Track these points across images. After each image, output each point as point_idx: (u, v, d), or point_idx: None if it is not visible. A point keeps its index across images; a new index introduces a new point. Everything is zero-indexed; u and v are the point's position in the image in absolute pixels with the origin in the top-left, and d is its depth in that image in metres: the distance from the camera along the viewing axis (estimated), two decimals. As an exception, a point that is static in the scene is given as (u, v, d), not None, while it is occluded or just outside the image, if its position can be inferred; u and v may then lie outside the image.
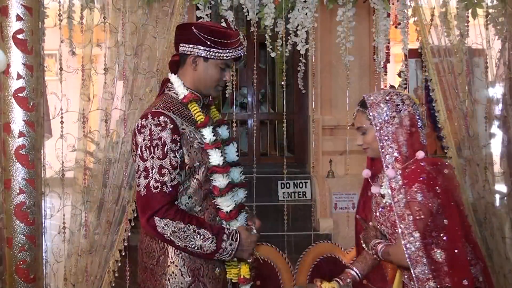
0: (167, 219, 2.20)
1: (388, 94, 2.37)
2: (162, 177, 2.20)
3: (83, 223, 3.40)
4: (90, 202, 3.42)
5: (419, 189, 2.24)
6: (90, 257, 3.42)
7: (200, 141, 2.31)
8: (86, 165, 3.44)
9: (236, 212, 2.34)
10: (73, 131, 3.39)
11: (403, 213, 2.24)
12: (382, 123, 2.33)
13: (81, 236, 3.40)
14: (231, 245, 2.27)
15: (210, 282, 2.34)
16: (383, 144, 2.33)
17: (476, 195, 3.54)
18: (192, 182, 2.30)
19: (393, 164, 2.31)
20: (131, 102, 3.41)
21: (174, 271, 2.31)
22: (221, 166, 2.31)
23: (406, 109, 2.34)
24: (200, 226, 2.23)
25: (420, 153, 2.32)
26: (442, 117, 3.54)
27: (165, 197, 2.21)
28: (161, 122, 2.22)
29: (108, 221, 3.44)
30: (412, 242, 2.21)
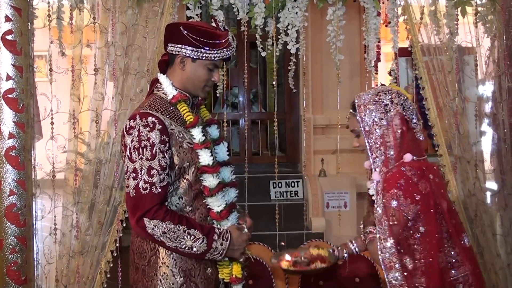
0: (156, 220, 2.20)
1: (377, 94, 2.36)
2: (151, 178, 2.20)
3: (75, 224, 3.39)
4: (81, 203, 3.41)
5: (395, 195, 2.24)
6: (81, 258, 3.41)
7: (189, 141, 2.31)
8: (77, 166, 3.43)
9: (227, 212, 2.34)
10: (64, 132, 3.37)
11: (381, 217, 2.25)
12: (370, 125, 2.33)
13: (72, 237, 3.39)
14: (222, 245, 2.27)
15: (202, 282, 2.34)
16: (371, 147, 2.33)
17: (467, 193, 3.56)
18: (182, 182, 2.31)
19: (380, 167, 2.32)
20: (122, 103, 3.40)
21: (166, 272, 2.31)
22: (211, 166, 2.30)
23: (395, 108, 2.33)
24: (191, 227, 2.24)
25: (407, 156, 2.30)
26: (433, 115, 3.55)
27: (155, 198, 2.21)
28: (149, 123, 2.23)
29: (99, 222, 3.43)
30: (386, 248, 2.22)
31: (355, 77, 6.84)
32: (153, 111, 2.27)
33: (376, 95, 2.36)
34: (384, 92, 2.37)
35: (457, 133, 3.54)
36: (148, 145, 2.21)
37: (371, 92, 2.40)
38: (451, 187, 3.55)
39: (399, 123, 2.32)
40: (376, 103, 2.34)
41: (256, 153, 7.82)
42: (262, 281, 3.35)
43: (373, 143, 2.32)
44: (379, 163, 2.32)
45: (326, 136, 6.93)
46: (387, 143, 2.31)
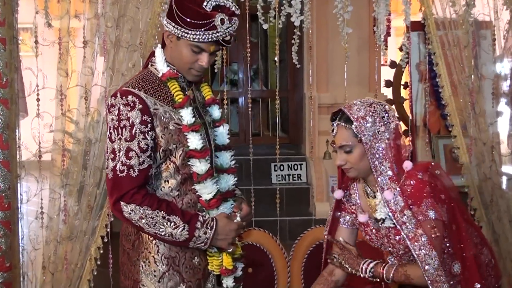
0: (133, 205, 2.21)
1: (370, 105, 2.30)
2: (129, 160, 2.21)
3: (62, 208, 3.40)
4: (69, 186, 3.42)
5: (430, 205, 2.24)
6: (70, 244, 3.42)
7: (178, 122, 2.30)
8: (64, 146, 3.43)
9: (217, 201, 2.33)
10: (50, 109, 3.36)
11: (415, 234, 2.23)
12: (371, 139, 2.27)
13: (60, 221, 3.39)
14: (205, 234, 2.26)
15: (187, 272, 2.35)
16: (374, 163, 2.28)
17: (482, 176, 3.56)
18: (168, 165, 2.30)
19: (388, 185, 2.28)
20: (113, 78, 3.39)
21: (148, 258, 2.33)
22: (199, 151, 2.29)
23: (393, 121, 2.30)
24: (171, 213, 2.23)
25: (407, 164, 2.30)
26: (447, 93, 3.54)
27: (132, 182, 2.22)
28: (130, 102, 2.22)
29: (89, 205, 3.43)
30: (430, 264, 2.20)
31: (364, 53, 6.82)
32: (135, 89, 2.26)
33: (369, 106, 2.30)
34: (376, 103, 2.32)
35: (473, 113, 3.53)
36: (127, 125, 2.22)
37: (359, 103, 2.32)
38: (466, 170, 3.56)
39: (395, 137, 2.31)
40: (374, 115, 2.28)
41: (257, 134, 7.82)
42: (262, 269, 3.36)
43: (375, 158, 2.27)
44: (385, 181, 2.28)
45: (332, 116, 6.92)
46: (390, 159, 2.28)
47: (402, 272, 2.29)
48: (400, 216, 2.25)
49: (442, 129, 5.33)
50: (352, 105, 2.33)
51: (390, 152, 2.28)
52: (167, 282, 2.33)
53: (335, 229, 2.60)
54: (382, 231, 2.39)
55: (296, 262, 3.38)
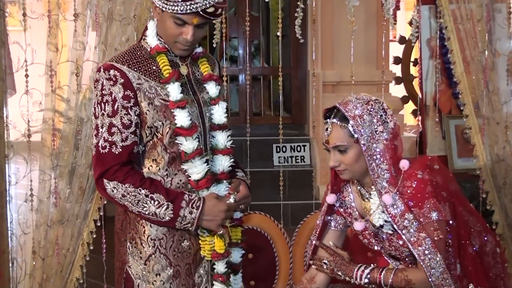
0: (115, 182, 2.24)
1: (367, 103, 2.26)
2: (111, 136, 2.25)
3: (53, 190, 3.41)
4: (60, 167, 3.42)
5: (432, 206, 2.21)
6: (61, 228, 3.43)
7: (164, 98, 2.31)
8: (55, 125, 3.43)
9: (207, 182, 2.33)
10: (40, 86, 3.36)
11: (417, 237, 2.21)
12: (368, 140, 2.23)
13: (50, 204, 3.41)
14: (191, 214, 2.27)
15: (175, 255, 2.36)
16: (371, 165, 2.24)
17: (495, 158, 3.56)
18: (155, 143, 2.32)
19: (386, 188, 2.25)
20: (105, 53, 3.38)
21: (135, 239, 2.36)
22: (186, 128, 2.29)
23: (392, 120, 2.26)
24: (154, 191, 2.25)
25: (404, 164, 2.27)
26: (459, 70, 3.53)
27: (114, 158, 2.25)
28: (112, 76, 2.26)
29: (81, 187, 3.44)
30: (435, 268, 2.19)
31: (371, 27, 6.78)
32: (118, 63, 2.29)
33: (366, 103, 2.25)
34: (374, 101, 2.28)
35: (486, 91, 3.53)
36: (109, 100, 2.25)
37: (355, 100, 2.27)
38: (478, 152, 3.56)
39: (393, 137, 2.27)
40: (371, 113, 2.24)
41: (258, 113, 7.81)
42: (263, 254, 3.37)
43: (372, 160, 2.24)
44: (383, 184, 2.25)
45: (337, 95, 6.88)
46: (388, 160, 2.24)
47: (403, 277, 2.26)
48: (401, 220, 2.22)
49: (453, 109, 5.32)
50: (347, 102, 2.27)
51: (388, 153, 2.24)
52: (153, 265, 2.35)
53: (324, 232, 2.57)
54: (382, 235, 2.37)
55: (298, 247, 3.39)
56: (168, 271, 2.36)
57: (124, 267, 2.39)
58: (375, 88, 6.93)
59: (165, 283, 2.35)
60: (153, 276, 2.35)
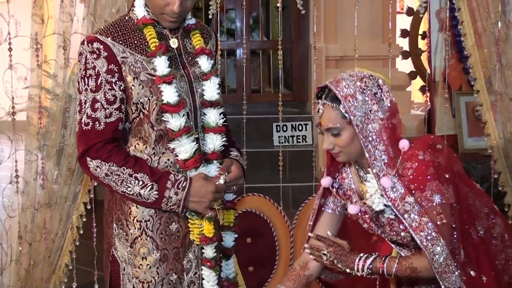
0: (98, 160, 2.25)
1: (360, 80, 2.22)
2: (94, 112, 2.26)
3: (40, 171, 3.41)
4: (47, 147, 3.42)
5: (435, 189, 2.19)
6: (49, 212, 3.44)
7: (150, 72, 2.31)
8: (41, 103, 3.42)
9: (195, 162, 2.33)
10: (25, 60, 3.35)
11: (419, 222, 2.19)
12: (363, 120, 2.20)
13: (37, 186, 3.41)
14: (177, 195, 2.27)
15: (162, 238, 2.37)
16: (367, 147, 2.21)
17: (508, 136, 3.56)
18: (142, 120, 2.33)
19: (384, 171, 2.22)
20: (94, 25, 3.36)
21: (121, 220, 2.38)
22: (173, 105, 2.29)
23: (388, 97, 2.23)
24: (139, 170, 2.26)
25: (404, 144, 2.24)
26: (470, 42, 3.53)
27: (98, 136, 2.26)
28: (95, 50, 2.27)
29: (69, 168, 3.44)
30: (438, 254, 2.17)
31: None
32: (102, 35, 2.29)
33: (360, 81, 2.22)
34: (368, 77, 2.23)
35: (499, 65, 3.52)
36: (93, 74, 2.26)
37: (348, 78, 2.24)
38: (489, 129, 3.56)
39: (390, 115, 2.24)
40: (365, 92, 2.20)
41: (257, 90, 7.80)
42: (263, 238, 3.39)
43: (368, 142, 2.20)
44: (381, 166, 2.22)
45: (341, 70, 6.78)
46: (384, 141, 2.22)
47: (407, 265, 2.25)
48: (401, 204, 2.20)
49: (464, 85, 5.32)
50: (339, 80, 2.23)
51: (385, 133, 2.21)
52: (139, 248, 2.36)
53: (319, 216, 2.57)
54: (383, 220, 2.36)
55: (300, 231, 3.40)
56: (155, 254, 2.36)
57: (110, 250, 2.42)
58: (381, 63, 6.92)
59: (152, 268, 2.36)
60: (139, 259, 2.37)
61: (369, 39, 6.45)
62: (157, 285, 2.37)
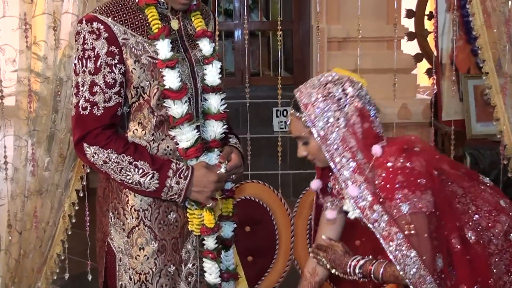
0: (96, 147, 2.24)
1: (325, 86, 2.24)
2: (93, 96, 2.24)
3: (30, 157, 3.40)
4: (38, 132, 3.41)
5: (403, 198, 2.18)
6: (40, 199, 3.43)
7: (152, 55, 2.29)
8: (31, 85, 3.41)
9: (196, 151, 2.33)
10: (13, 41, 3.33)
11: (389, 232, 2.19)
12: (325, 129, 2.22)
13: (27, 173, 3.40)
14: (178, 184, 2.27)
15: (160, 229, 2.37)
16: (333, 156, 2.23)
17: (518, 121, 3.57)
18: (142, 105, 2.32)
19: (352, 179, 2.23)
20: (86, 5, 3.33)
21: (117, 209, 2.37)
22: (175, 90, 2.28)
23: (352, 103, 2.23)
24: (139, 158, 2.25)
25: (376, 149, 2.24)
26: (478, 22, 3.51)
27: (96, 121, 2.25)
28: (95, 30, 2.25)
29: (61, 154, 3.43)
30: (409, 264, 2.17)
31: (382, -24, 6.76)
32: (102, 15, 2.27)
33: (323, 87, 2.24)
34: (333, 82, 2.25)
35: (509, 46, 3.51)
36: (92, 56, 2.24)
37: (315, 83, 2.28)
38: (499, 113, 3.56)
39: (359, 120, 2.24)
40: (327, 98, 2.22)
41: (256, 74, 7.81)
42: (262, 227, 3.39)
43: (334, 150, 2.23)
44: (348, 175, 2.23)
45: (344, 52, 6.88)
46: (352, 148, 2.23)
47: (391, 272, 2.25)
48: (369, 213, 2.21)
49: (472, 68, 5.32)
50: (306, 87, 2.29)
51: (351, 140, 2.23)
52: (136, 238, 2.36)
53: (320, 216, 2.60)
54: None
55: (301, 219, 3.40)
56: (153, 245, 2.37)
57: (105, 239, 2.41)
58: (385, 44, 6.93)
59: (149, 258, 2.37)
60: (136, 250, 2.37)
61: (373, 19, 6.45)
62: (154, 277, 2.38)
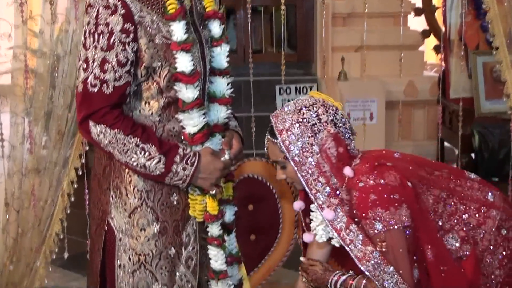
0: (103, 126, 2.23)
1: (299, 112, 2.32)
2: (104, 73, 2.21)
3: (27, 134, 3.41)
4: (35, 108, 3.42)
5: (376, 217, 2.23)
6: (37, 177, 3.45)
7: (166, 36, 2.28)
8: (27, 61, 3.41)
9: (202, 137, 2.33)
10: (8, 16, 3.33)
11: (364, 252, 2.25)
12: (299, 155, 2.30)
13: (25, 151, 3.41)
14: (184, 170, 2.27)
15: (162, 210, 2.37)
16: (308, 181, 2.30)
17: (529, 99, 3.56)
18: (150, 85, 2.30)
19: (328, 202, 2.29)
20: (84, -22, 3.34)
21: (120, 188, 2.36)
22: (187, 74, 2.27)
23: (325, 128, 2.30)
24: (146, 141, 2.24)
25: (347, 172, 2.30)
26: (488, -5, 3.50)
27: (105, 99, 2.22)
28: (111, 4, 2.21)
29: (59, 132, 3.44)
30: (388, 280, 2.22)
31: None
32: None
33: (298, 113, 2.32)
34: (307, 107, 2.33)
35: (520, 19, 3.50)
36: (105, 31, 2.21)
37: (290, 108, 2.35)
38: (509, 89, 3.55)
39: (334, 145, 2.31)
40: (301, 124, 2.30)
41: (258, 51, 7.77)
42: (265, 205, 3.38)
43: (309, 175, 2.30)
44: (323, 198, 2.30)
45: (349, 28, 6.87)
46: (326, 173, 2.30)
47: (373, 286, 2.29)
48: (345, 234, 2.27)
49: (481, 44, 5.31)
50: (280, 112, 2.36)
51: (325, 165, 2.30)
52: (137, 219, 2.36)
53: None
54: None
55: (305, 197, 3.41)
56: (155, 226, 2.37)
57: (105, 218, 2.41)
58: (392, 20, 6.90)
59: (150, 240, 2.37)
60: (137, 231, 2.37)
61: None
62: (154, 259, 2.38)
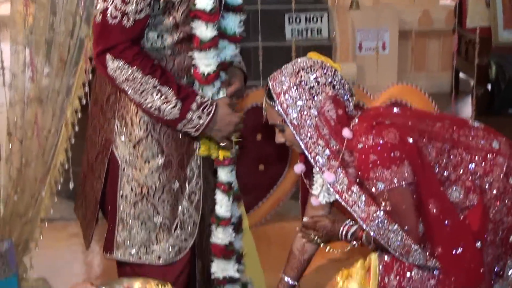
0: (121, 61, 2.23)
1: (297, 74, 2.31)
2: (125, 5, 2.19)
3: (28, 62, 3.39)
4: (35, 35, 3.39)
5: (377, 176, 2.26)
6: (40, 107, 3.44)
7: None
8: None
9: (215, 76, 2.34)
10: None
11: (368, 212, 2.27)
12: (298, 119, 2.30)
13: (26, 79, 3.39)
14: (200, 119, 2.29)
15: (168, 143, 2.39)
16: (307, 144, 2.31)
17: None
18: (166, 18, 2.29)
19: (328, 165, 2.30)
20: None
21: (125, 118, 2.38)
22: (207, 12, 2.25)
23: (323, 90, 2.30)
24: (165, 83, 2.25)
25: (346, 133, 2.30)
26: None
27: (124, 33, 2.22)
28: None
29: (61, 59, 3.42)
30: (392, 238, 2.25)
31: None
32: None
33: (296, 75, 2.31)
34: (306, 70, 2.32)
35: None
36: None
37: (288, 70, 2.34)
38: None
39: (332, 107, 2.31)
40: (299, 87, 2.30)
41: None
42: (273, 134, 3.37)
43: (308, 139, 2.31)
44: (324, 161, 2.31)
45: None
46: (325, 136, 2.30)
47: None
48: (347, 195, 2.29)
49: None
50: (278, 75, 2.35)
51: (324, 128, 2.30)
52: (142, 151, 2.38)
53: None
54: None
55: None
56: (159, 159, 2.39)
57: (109, 146, 2.43)
58: None
59: (154, 173, 2.39)
60: (141, 162, 2.39)
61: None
62: (157, 192, 2.41)
